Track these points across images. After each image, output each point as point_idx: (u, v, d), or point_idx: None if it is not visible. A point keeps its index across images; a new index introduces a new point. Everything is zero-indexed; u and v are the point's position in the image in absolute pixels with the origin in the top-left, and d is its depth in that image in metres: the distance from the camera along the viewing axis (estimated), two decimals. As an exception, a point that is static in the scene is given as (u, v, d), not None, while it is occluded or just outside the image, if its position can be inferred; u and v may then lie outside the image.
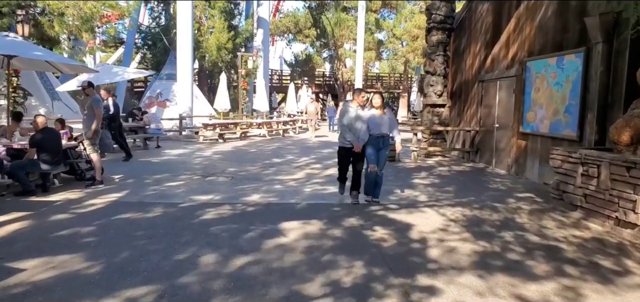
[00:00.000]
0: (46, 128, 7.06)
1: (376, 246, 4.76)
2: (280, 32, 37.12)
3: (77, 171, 8.28)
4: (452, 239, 5.04)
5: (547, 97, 8.48)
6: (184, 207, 6.32)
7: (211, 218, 5.76)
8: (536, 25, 9.00)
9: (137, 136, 13.82)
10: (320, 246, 4.72)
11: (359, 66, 24.23)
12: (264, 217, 5.86)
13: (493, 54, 10.85)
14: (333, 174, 9.50)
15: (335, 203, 6.75)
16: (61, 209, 6.12)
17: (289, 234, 5.09)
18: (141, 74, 18.99)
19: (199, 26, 24.41)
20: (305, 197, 7.18)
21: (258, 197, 7.05)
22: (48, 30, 13.37)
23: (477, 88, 11.65)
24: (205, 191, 7.43)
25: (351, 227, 5.43)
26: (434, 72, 12.67)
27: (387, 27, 32.84)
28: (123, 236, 4.95)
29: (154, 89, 21.80)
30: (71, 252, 4.41)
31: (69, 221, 5.50)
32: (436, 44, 12.67)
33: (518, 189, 8.16)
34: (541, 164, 8.68)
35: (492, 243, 4.91)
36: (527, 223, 5.77)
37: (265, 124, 20.11)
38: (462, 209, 6.50)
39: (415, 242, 4.90)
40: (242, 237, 4.94)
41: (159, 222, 5.52)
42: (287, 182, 8.50)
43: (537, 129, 8.82)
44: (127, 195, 7.10)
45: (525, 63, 9.25)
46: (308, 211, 6.23)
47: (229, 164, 10.68)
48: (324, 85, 40.58)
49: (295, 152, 13.59)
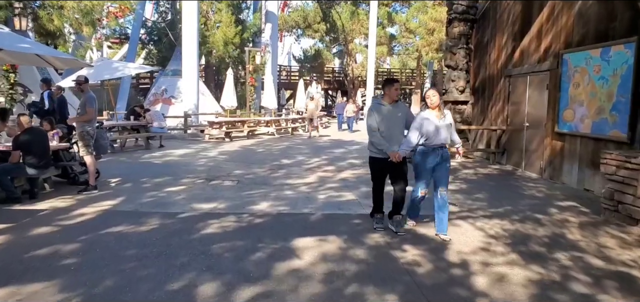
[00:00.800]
0: (32, 128, 6.35)
1: (409, 272, 3.97)
2: (288, 28, 36.32)
3: (70, 174, 7.58)
4: (498, 262, 4.23)
5: (588, 93, 7.61)
6: (183, 219, 5.57)
7: (213, 233, 5.01)
8: (575, 14, 8.11)
9: (139, 135, 13.13)
10: (342, 272, 3.94)
11: (371, 61, 23.37)
12: (273, 231, 5.10)
13: (522, 46, 9.97)
14: (347, 177, 8.72)
15: (354, 214, 5.96)
16: (45, 220, 5.40)
17: (304, 255, 4.32)
18: (143, 69, 18.32)
19: (206, 20, 23.75)
20: (320, 205, 6.41)
21: (267, 206, 6.29)
22: (47, 24, 12.71)
23: (503, 83, 10.77)
24: (208, 198, 6.69)
25: (376, 247, 4.64)
26: (456, 66, 11.80)
27: (400, 21, 31.86)
28: (110, 256, 4.21)
29: (159, 85, 21.17)
30: (45, 278, 3.68)
31: (51, 236, 4.77)
32: (458, 36, 11.80)
33: (557, 196, 7.31)
34: (581, 168, 7.82)
35: (548, 268, 4.10)
36: (582, 241, 4.94)
37: (273, 122, 19.38)
38: (501, 221, 5.68)
39: (455, 267, 4.10)
40: (248, 259, 4.18)
41: (153, 238, 4.78)
42: (299, 187, 7.73)
43: (576, 128, 7.95)
44: (121, 203, 6.37)
45: (562, 56, 8.37)
46: (324, 224, 5.45)
47: (235, 166, 9.94)
48: (334, 82, 39.79)
49: (305, 153, 12.81)
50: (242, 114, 21.41)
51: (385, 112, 5.02)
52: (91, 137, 7.05)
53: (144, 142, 12.97)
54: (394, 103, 5.09)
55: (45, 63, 7.91)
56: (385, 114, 5.01)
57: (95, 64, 12.92)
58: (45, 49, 8.51)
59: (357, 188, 7.65)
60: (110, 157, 10.78)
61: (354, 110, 21.22)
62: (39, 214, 5.64)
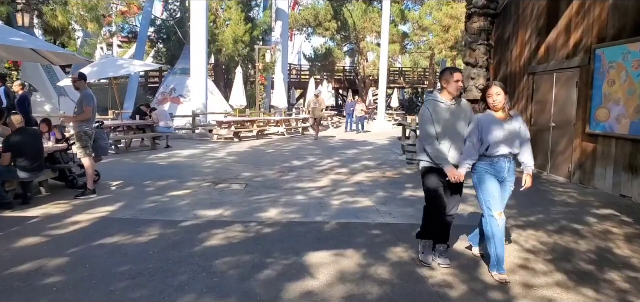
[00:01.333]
0: (24, 129, 5.90)
1: (441, 296, 3.43)
2: (299, 26, 35.81)
3: (69, 177, 7.15)
4: (543, 284, 3.67)
5: (626, 91, 6.99)
6: (185, 228, 5.09)
7: (217, 245, 4.51)
8: (610, 6, 7.49)
9: (145, 135, 12.72)
10: (363, 295, 3.42)
11: (384, 59, 22.74)
12: (284, 243, 4.59)
13: (548, 42, 9.35)
14: (362, 180, 8.20)
15: (372, 223, 5.43)
16: (35, 229, 4.95)
17: (319, 274, 3.80)
18: (148, 67, 17.90)
19: (215, 18, 23.34)
20: (334, 213, 5.88)
21: (276, 213, 5.79)
22: (51, 21, 12.35)
23: (526, 81, 10.16)
24: (214, 204, 6.20)
25: (400, 263, 4.10)
26: (476, 63, 11.14)
27: (413, 19, 31.18)
28: (100, 274, 3.73)
29: (167, 84, 20.79)
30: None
31: (38, 249, 4.31)
32: (478, 32, 11.11)
33: (591, 203, 6.71)
34: (617, 172, 7.20)
35: (603, 292, 3.53)
36: (634, 257, 4.36)
37: (283, 121, 18.89)
38: (536, 232, 5.11)
39: (493, 290, 3.55)
40: (256, 278, 3.67)
41: (151, 251, 4.30)
42: (311, 191, 7.22)
43: (611, 129, 7.33)
44: (120, 209, 5.90)
45: (594, 51, 7.74)
46: (340, 235, 4.92)
47: (243, 168, 9.46)
48: (345, 81, 39.22)
49: (317, 154, 12.30)
50: (252, 114, 20.96)
51: (446, 113, 3.82)
52: (89, 138, 6.60)
53: (150, 143, 12.56)
54: (455, 100, 3.89)
55: (42, 58, 7.47)
56: (446, 115, 3.82)
57: (100, 61, 12.53)
58: (41, 43, 8.09)
59: (374, 193, 7.12)
60: (114, 158, 10.37)
61: (363, 110, 20.59)
62: (29, 222, 5.19)
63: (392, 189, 7.46)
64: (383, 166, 10.10)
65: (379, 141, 16.14)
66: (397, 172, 9.25)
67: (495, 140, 3.65)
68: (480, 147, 3.70)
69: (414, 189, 7.42)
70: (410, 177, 8.64)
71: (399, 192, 7.27)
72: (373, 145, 14.66)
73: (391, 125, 24.44)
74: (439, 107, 3.83)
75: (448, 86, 3.82)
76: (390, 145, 14.84)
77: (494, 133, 3.65)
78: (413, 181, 8.14)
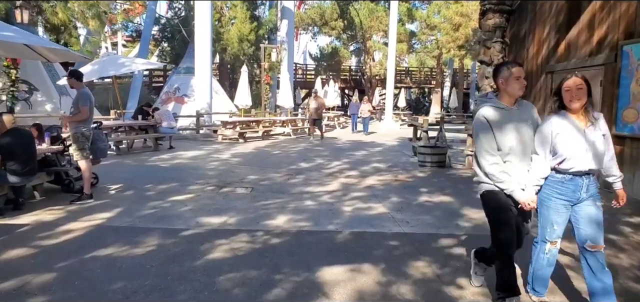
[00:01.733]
0: (15, 130, 5.52)
1: (474, 322, 3.02)
2: (305, 25, 35.42)
3: (65, 181, 6.77)
4: (588, 307, 3.25)
5: (658, 90, 6.54)
6: (187, 237, 4.70)
7: (221, 258, 4.11)
8: None
9: (148, 136, 12.36)
10: (387, 321, 3.01)
11: (392, 59, 22.31)
12: (294, 256, 4.18)
13: (569, 39, 8.89)
14: (374, 184, 7.78)
15: (389, 232, 5.00)
16: (23, 239, 4.56)
17: (334, 293, 3.39)
18: (151, 65, 17.53)
19: (220, 16, 23.00)
20: (347, 221, 5.47)
21: (285, 221, 5.38)
22: (51, 17, 12.01)
23: (544, 80, 9.70)
24: (217, 210, 5.81)
25: (424, 280, 3.68)
26: (490, 61, 10.67)
27: (420, 18, 30.70)
28: (90, 292, 3.35)
29: (171, 83, 20.48)
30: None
31: (24, 263, 3.93)
32: (492, 29, 10.67)
33: (621, 210, 6.17)
34: (648, 177, 6.75)
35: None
36: (683, 274, 3.92)
37: (289, 121, 18.51)
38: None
39: (532, 314, 3.13)
40: (263, 299, 3.27)
41: (148, 264, 3.90)
42: (320, 196, 6.81)
43: None
44: (117, 216, 5.52)
45: (621, 48, 7.29)
46: (354, 246, 4.51)
47: (249, 170, 9.06)
48: (350, 80, 38.80)
49: (324, 155, 11.89)
50: (257, 114, 20.59)
51: (507, 121, 2.98)
52: (87, 139, 6.23)
53: (153, 144, 12.19)
54: (516, 103, 3.07)
55: (37, 55, 7.11)
56: (507, 123, 2.98)
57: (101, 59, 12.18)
58: (34, 38, 7.72)
59: (387, 198, 6.70)
60: (115, 160, 10.02)
61: (369, 110, 20.12)
62: (18, 231, 4.81)
63: (406, 194, 7.04)
64: (394, 169, 9.67)
65: (387, 142, 15.72)
66: (409, 175, 8.83)
67: (573, 153, 2.83)
68: (551, 159, 2.93)
69: (430, 194, 7.00)
70: (424, 181, 8.22)
71: (414, 197, 6.84)
72: (382, 147, 14.24)
73: (399, 125, 23.99)
74: (499, 113, 2.99)
75: (507, 86, 3.00)
76: (400, 146, 14.41)
77: (572, 142, 2.83)
78: (428, 185, 7.72)
